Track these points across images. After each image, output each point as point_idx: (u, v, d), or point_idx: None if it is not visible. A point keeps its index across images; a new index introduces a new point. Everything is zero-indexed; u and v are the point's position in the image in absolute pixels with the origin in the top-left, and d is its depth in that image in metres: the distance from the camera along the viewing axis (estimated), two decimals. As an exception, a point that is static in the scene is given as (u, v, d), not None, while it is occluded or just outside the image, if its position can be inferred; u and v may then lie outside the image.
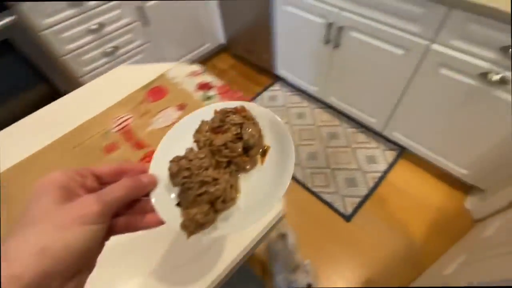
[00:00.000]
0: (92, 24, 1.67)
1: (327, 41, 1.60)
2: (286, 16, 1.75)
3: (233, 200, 0.33)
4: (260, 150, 0.37)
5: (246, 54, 2.44)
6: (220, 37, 2.50)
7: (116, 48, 1.84)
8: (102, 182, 0.31)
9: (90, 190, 0.29)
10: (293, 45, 1.89)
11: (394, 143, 1.81)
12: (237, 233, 0.39)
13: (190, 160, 0.33)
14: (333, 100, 1.92)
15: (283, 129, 0.37)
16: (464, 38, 1.11)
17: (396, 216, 1.58)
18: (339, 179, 1.73)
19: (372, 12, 1.32)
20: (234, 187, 0.34)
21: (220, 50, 2.68)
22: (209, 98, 0.83)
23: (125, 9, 1.76)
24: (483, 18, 1.01)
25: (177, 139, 0.37)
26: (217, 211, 0.32)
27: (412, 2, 1.17)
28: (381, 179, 1.71)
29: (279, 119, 0.38)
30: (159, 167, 0.34)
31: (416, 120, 1.51)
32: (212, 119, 0.37)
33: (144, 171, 0.34)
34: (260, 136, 0.37)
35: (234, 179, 0.35)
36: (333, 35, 1.54)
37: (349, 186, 1.69)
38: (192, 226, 0.30)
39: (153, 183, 0.33)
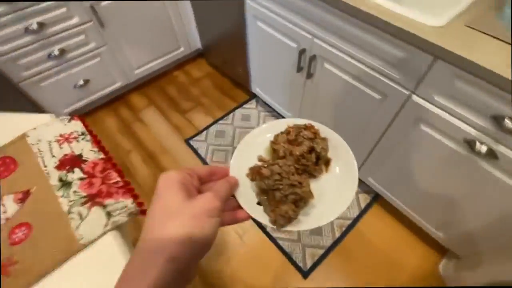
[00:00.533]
0: (30, 23, 1.42)
1: (299, 69, 1.38)
2: (259, 32, 1.51)
3: (310, 200, 0.40)
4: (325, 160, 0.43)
5: (221, 65, 2.21)
6: (197, 43, 2.26)
7: (63, 51, 1.60)
8: (201, 181, 0.37)
9: (196, 188, 0.35)
10: (267, 65, 1.66)
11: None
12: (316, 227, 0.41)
13: (281, 166, 0.39)
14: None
15: (344, 145, 0.42)
16: (450, 96, 0.89)
17: (362, 274, 1.38)
18: (302, 223, 1.53)
19: (347, 45, 1.10)
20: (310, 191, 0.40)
21: (197, 56, 2.44)
22: (66, 185, 0.61)
23: (73, 8, 1.52)
24: (474, 77, 0.79)
25: (248, 148, 0.44)
26: (298, 209, 0.39)
27: (392, 43, 0.94)
28: (350, 227, 1.51)
29: (340, 138, 0.43)
30: (236, 171, 0.41)
31: (392, 169, 1.30)
32: (288, 133, 0.43)
33: (227, 174, 0.40)
34: (327, 149, 0.43)
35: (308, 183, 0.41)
36: (306, 63, 1.31)
37: (312, 233, 1.49)
38: (282, 221, 0.37)
39: (237, 184, 0.39)
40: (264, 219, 0.38)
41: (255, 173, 0.39)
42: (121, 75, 2.01)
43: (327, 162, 0.43)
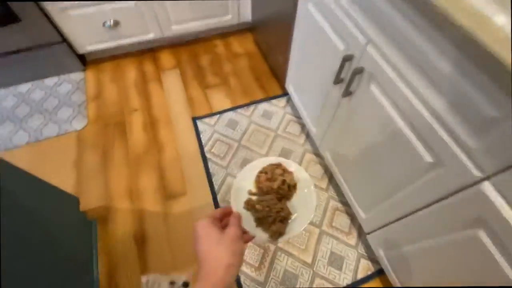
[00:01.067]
0: None
1: (338, 80, 1.00)
2: (308, 18, 1.15)
3: (290, 217, 0.56)
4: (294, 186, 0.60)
5: (265, 47, 1.88)
6: (247, 14, 1.95)
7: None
8: (220, 220, 0.53)
9: (219, 226, 0.50)
10: (306, 61, 1.30)
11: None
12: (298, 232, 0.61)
13: (267, 201, 0.56)
14: (327, 158, 1.34)
15: (303, 172, 0.61)
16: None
17: None
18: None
19: (412, 69, 0.70)
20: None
21: (245, 29, 2.13)
22: None
23: None
24: None
25: (241, 183, 0.61)
26: (284, 225, 0.55)
27: (489, 91, 0.54)
28: (334, 295, 1.17)
29: (300, 167, 0.63)
30: (235, 206, 0.57)
31: (415, 254, 0.91)
32: (265, 172, 0.60)
33: (231, 211, 0.55)
34: (293, 179, 0.60)
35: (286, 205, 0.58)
36: (348, 75, 0.94)
37: None
38: (276, 236, 0.54)
39: (241, 216, 0.53)
40: (264, 237, 0.55)
41: (250, 207, 0.57)
42: (156, 26, 1.80)
43: (294, 186, 0.60)
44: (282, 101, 1.75)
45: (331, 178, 1.47)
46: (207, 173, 1.48)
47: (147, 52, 1.98)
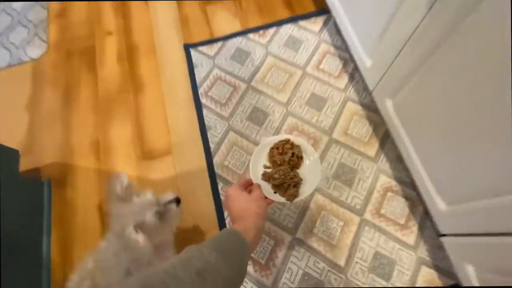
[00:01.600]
0: None
1: None
2: None
3: (301, 182, 0.65)
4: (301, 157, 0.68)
5: None
6: None
7: None
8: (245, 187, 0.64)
9: (244, 190, 0.62)
10: None
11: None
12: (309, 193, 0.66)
13: (283, 170, 0.63)
14: (386, 109, 0.83)
15: (308, 146, 0.69)
16: None
17: None
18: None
19: None
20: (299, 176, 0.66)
21: None
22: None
23: None
24: None
25: (256, 159, 0.68)
26: (297, 189, 0.64)
27: None
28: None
29: (305, 142, 0.70)
30: (255, 178, 0.66)
31: None
32: (277, 148, 0.68)
33: (252, 182, 0.65)
34: (301, 152, 0.68)
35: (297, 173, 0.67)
36: None
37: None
38: (292, 198, 0.62)
39: (259, 186, 0.63)
40: (281, 199, 0.63)
41: (267, 178, 0.65)
42: None
43: (302, 157, 0.68)
44: (317, 23, 1.17)
45: (383, 142, 0.96)
46: (201, 126, 1.03)
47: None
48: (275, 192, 0.64)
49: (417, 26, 0.61)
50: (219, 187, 0.95)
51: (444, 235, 0.72)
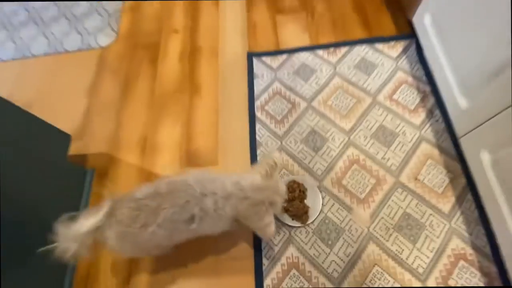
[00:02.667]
0: None
1: None
2: None
3: (308, 209, 0.82)
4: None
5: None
6: None
7: None
8: None
9: None
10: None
11: None
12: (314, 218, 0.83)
13: (295, 205, 0.81)
14: (482, 163, 0.67)
15: (309, 179, 0.87)
16: None
17: None
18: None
19: None
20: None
21: None
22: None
23: None
24: None
25: None
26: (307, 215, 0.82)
27: None
28: None
29: (307, 177, 0.88)
30: None
31: None
32: (288, 188, 0.83)
33: None
34: (305, 188, 0.85)
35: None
36: None
37: None
38: (305, 221, 0.80)
39: None
40: (297, 224, 0.81)
41: (286, 210, 0.82)
42: None
43: (305, 191, 0.85)
44: (396, 47, 1.04)
45: (461, 198, 0.80)
46: (252, 142, 0.94)
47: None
48: (292, 219, 0.82)
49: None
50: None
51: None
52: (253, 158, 0.92)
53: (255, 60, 1.08)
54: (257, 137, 0.95)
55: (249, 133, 0.96)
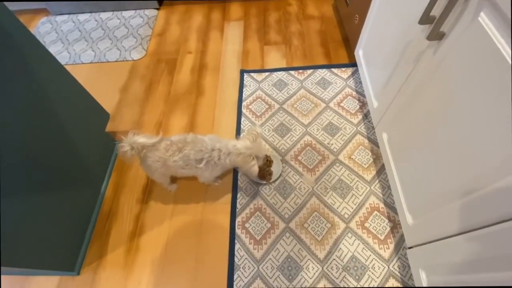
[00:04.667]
0: None
1: (424, 19, 0.66)
2: None
3: (272, 172, 1.12)
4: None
5: (342, 8, 1.53)
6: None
7: None
8: None
9: None
10: (387, 13, 0.95)
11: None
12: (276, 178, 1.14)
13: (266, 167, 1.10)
14: (382, 141, 1.00)
15: (275, 155, 1.19)
16: None
17: None
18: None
19: None
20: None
21: (327, -8, 1.81)
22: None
23: None
24: None
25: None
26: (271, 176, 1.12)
27: None
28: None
29: (276, 156, 1.19)
30: None
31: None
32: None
33: None
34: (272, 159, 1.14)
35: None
36: (443, 6, 0.59)
37: None
38: (268, 180, 1.11)
39: None
40: (263, 181, 1.12)
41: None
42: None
43: (272, 161, 1.12)
44: (346, 72, 1.41)
45: (379, 171, 1.11)
46: (238, 128, 1.28)
47: (218, 1, 1.84)
48: (260, 179, 1.09)
49: (406, 78, 0.81)
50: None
51: (411, 247, 0.83)
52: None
53: (245, 75, 1.45)
54: (242, 126, 1.28)
55: (236, 123, 1.29)
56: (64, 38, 1.72)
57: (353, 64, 1.43)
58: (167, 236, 1.05)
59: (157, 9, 1.84)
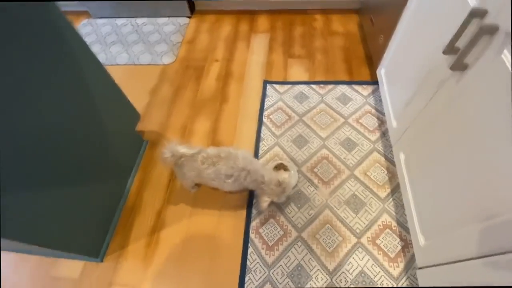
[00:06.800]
0: None
1: (449, 49, 0.68)
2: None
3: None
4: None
5: (368, 27, 1.56)
6: (361, -10, 1.65)
7: None
8: None
9: None
10: (412, 37, 0.97)
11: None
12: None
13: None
14: (399, 160, 1.01)
15: (292, 164, 1.21)
16: None
17: None
18: None
19: None
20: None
21: (351, 10, 1.84)
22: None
23: None
24: None
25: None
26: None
27: None
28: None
29: (291, 162, 1.23)
30: None
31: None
32: (276, 166, 1.19)
33: None
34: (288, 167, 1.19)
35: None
36: (467, 39, 0.62)
37: None
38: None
39: None
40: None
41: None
42: (262, -13, 1.70)
43: (287, 170, 1.16)
44: (367, 89, 1.43)
45: (394, 189, 1.12)
46: (257, 136, 1.32)
47: (247, 13, 1.91)
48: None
49: (427, 103, 0.83)
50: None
51: (420, 268, 0.83)
52: (256, 148, 1.29)
53: (268, 85, 1.50)
54: (261, 134, 1.32)
55: (256, 131, 1.34)
56: (102, 40, 1.84)
57: (374, 82, 1.44)
58: (185, 234, 1.10)
59: (189, 17, 1.93)
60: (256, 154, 1.26)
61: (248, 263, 1.00)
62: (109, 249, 1.09)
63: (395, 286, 0.93)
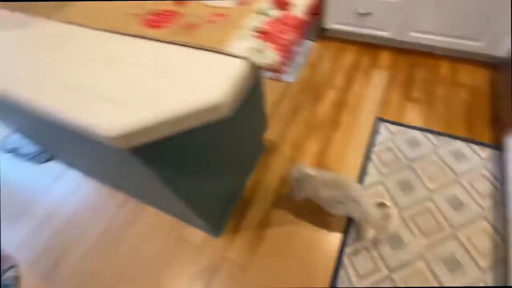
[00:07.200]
0: None
1: None
2: None
3: None
4: None
5: (502, 89, 1.50)
6: (504, 49, 1.58)
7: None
8: None
9: None
10: None
11: None
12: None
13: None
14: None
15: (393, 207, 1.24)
16: None
17: None
18: None
19: None
20: None
21: (484, 62, 1.76)
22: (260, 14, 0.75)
23: None
24: None
25: None
26: None
27: None
28: None
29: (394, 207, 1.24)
30: None
31: None
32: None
33: None
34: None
35: None
36: None
37: None
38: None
39: None
40: None
41: None
42: (395, 27, 1.77)
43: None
44: (485, 152, 1.41)
45: (496, 264, 1.12)
46: (362, 169, 1.44)
47: (371, 46, 2.00)
48: None
49: None
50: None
51: None
52: (360, 179, 1.41)
53: (381, 123, 1.59)
54: (367, 169, 1.44)
55: (361, 164, 1.46)
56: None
57: (496, 146, 1.41)
58: (286, 238, 1.30)
59: (314, 41, 2.11)
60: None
61: (338, 282, 1.16)
62: (225, 231, 1.37)
63: None
